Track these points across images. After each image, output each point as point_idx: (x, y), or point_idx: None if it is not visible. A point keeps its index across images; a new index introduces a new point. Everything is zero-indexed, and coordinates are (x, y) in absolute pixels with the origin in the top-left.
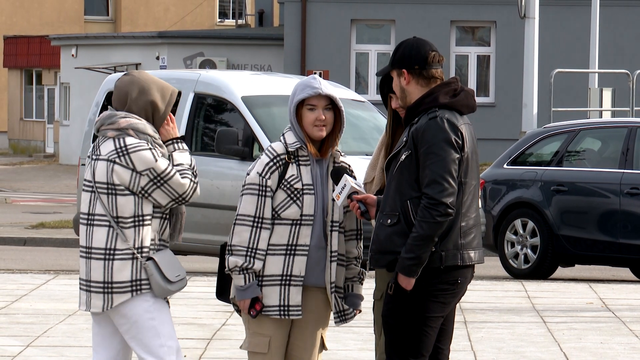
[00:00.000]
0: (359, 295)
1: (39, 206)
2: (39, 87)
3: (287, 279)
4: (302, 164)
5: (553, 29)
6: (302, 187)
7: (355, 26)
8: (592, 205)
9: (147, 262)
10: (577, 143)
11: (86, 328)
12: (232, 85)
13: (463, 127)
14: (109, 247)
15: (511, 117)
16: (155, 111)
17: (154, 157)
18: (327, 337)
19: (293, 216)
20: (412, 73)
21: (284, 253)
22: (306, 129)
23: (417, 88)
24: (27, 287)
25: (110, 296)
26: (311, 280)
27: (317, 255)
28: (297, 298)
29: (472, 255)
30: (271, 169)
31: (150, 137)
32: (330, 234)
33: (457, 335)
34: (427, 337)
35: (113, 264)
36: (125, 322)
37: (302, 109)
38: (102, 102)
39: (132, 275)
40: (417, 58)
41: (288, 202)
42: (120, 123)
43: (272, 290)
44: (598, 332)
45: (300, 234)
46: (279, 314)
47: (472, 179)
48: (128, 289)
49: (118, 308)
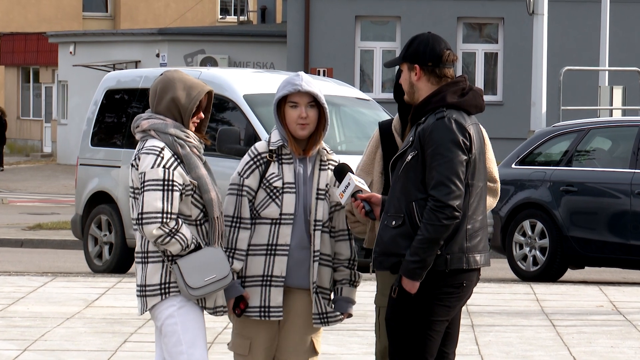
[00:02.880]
0: (350, 299)
1: (36, 207)
2: (36, 85)
3: (267, 279)
4: (284, 162)
5: (562, 26)
6: (283, 186)
7: (360, 23)
8: (602, 206)
9: (172, 265)
10: (587, 142)
11: (85, 332)
12: (233, 83)
13: (471, 127)
14: (144, 250)
15: (519, 116)
16: (180, 109)
17: (154, 163)
18: (331, 340)
19: (272, 215)
20: (424, 69)
21: (264, 253)
22: (289, 127)
23: (427, 85)
24: (24, 289)
25: (145, 299)
26: (296, 281)
27: (299, 256)
28: (278, 299)
29: (477, 258)
30: (251, 167)
31: (172, 137)
32: (313, 234)
33: (464, 339)
34: (432, 342)
35: (147, 267)
36: (157, 324)
37: (285, 106)
38: (101, 100)
39: (161, 278)
40: (432, 55)
41: (267, 201)
42: (142, 125)
43: (253, 291)
44: (608, 335)
45: (280, 233)
46: (259, 315)
47: (479, 181)
48: (158, 292)
49: (152, 311)
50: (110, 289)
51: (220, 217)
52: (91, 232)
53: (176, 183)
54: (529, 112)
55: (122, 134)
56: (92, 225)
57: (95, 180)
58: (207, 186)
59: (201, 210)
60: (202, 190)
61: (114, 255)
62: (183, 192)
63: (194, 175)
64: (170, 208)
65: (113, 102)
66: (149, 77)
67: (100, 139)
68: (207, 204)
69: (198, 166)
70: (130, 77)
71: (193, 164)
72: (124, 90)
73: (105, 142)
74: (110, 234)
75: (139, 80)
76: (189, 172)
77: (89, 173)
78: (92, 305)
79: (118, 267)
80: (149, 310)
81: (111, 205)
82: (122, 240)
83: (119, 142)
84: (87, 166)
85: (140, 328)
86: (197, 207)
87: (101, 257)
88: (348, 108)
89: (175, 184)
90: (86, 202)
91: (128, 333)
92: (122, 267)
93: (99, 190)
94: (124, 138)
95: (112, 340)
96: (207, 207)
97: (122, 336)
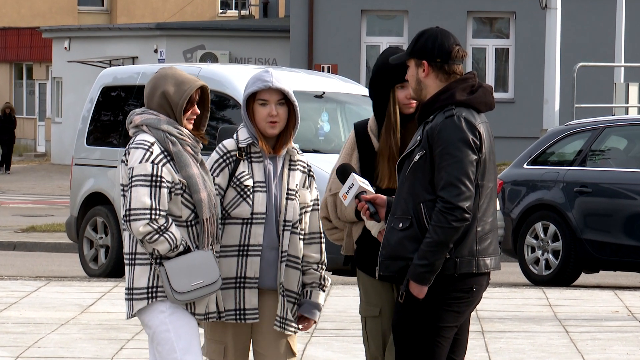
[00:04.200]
0: (316, 304)
1: (29, 208)
2: (30, 82)
3: (241, 281)
4: (254, 161)
5: (576, 20)
6: (253, 185)
7: (365, 17)
8: (617, 207)
9: (160, 268)
10: (602, 141)
11: (79, 338)
12: (234, 80)
13: (481, 126)
14: (132, 251)
15: (531, 114)
16: (171, 103)
17: (142, 157)
18: (336, 348)
19: (243, 215)
20: (432, 66)
21: (236, 254)
22: (258, 125)
23: (435, 82)
24: (16, 294)
25: (131, 303)
26: (267, 282)
27: (270, 256)
28: (253, 301)
29: (487, 262)
30: (220, 165)
31: (164, 133)
32: (282, 234)
33: (474, 345)
34: (440, 348)
35: (135, 269)
36: (147, 331)
37: (254, 103)
38: (97, 98)
39: (148, 282)
40: (441, 51)
41: (238, 200)
42: (135, 120)
43: (226, 294)
44: (624, 342)
45: (252, 233)
46: (235, 318)
47: (489, 182)
48: (144, 296)
49: (140, 316)
50: (107, 294)
51: (212, 218)
52: (86, 235)
53: (164, 179)
54: (542, 110)
55: (119, 133)
56: (88, 228)
57: (91, 180)
58: (197, 186)
59: (192, 211)
60: (192, 190)
61: (110, 259)
62: (172, 190)
63: (184, 174)
64: (158, 204)
65: (109, 99)
66: (147, 74)
67: (96, 138)
68: (197, 205)
69: (189, 165)
70: (127, 74)
71: (184, 162)
72: (120, 87)
73: (101, 141)
74: (106, 236)
75: (136, 77)
76: (179, 171)
77: (85, 173)
78: (87, 311)
79: (114, 271)
80: (135, 314)
81: (107, 207)
82: (118, 243)
83: (115, 141)
84: (83, 166)
85: (137, 334)
86: (188, 208)
87: (97, 261)
88: (354, 106)
89: (164, 180)
90: (81, 204)
91: (125, 339)
92: (118, 271)
93: (94, 191)
94: (120, 137)
95: (108, 347)
96: (197, 208)
97: (118, 343)
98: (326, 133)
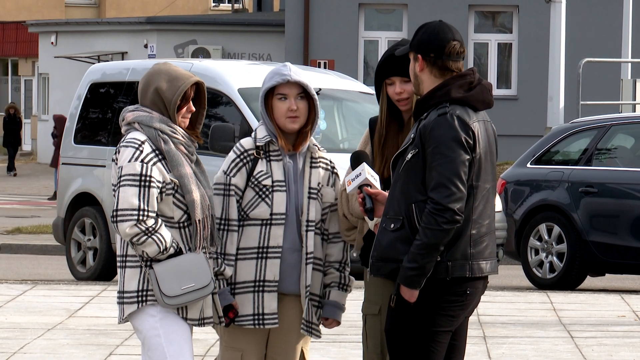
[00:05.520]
0: (339, 303)
1: (14, 209)
2: (15, 78)
3: (260, 284)
4: (273, 160)
5: (581, 14)
6: (272, 184)
7: (363, 11)
8: (624, 208)
9: (149, 271)
10: (608, 140)
11: (67, 344)
12: (227, 76)
13: (476, 124)
14: (123, 253)
15: (535, 111)
16: (165, 100)
17: (132, 156)
18: (333, 354)
19: (262, 215)
20: (426, 60)
21: (255, 257)
22: (278, 121)
23: (430, 78)
24: (1, 298)
25: (122, 307)
26: (287, 287)
27: (292, 259)
28: (272, 305)
29: (483, 266)
30: (237, 165)
31: (156, 131)
32: (306, 235)
33: (475, 351)
34: (435, 354)
35: (125, 272)
36: (139, 335)
37: (272, 99)
38: (85, 94)
39: (139, 285)
40: (435, 45)
41: (257, 201)
42: (127, 117)
43: (244, 298)
44: (631, 348)
45: (272, 234)
46: (253, 323)
47: (485, 182)
48: (134, 299)
49: (131, 320)
50: (95, 298)
51: (205, 220)
52: (74, 237)
53: (154, 179)
54: (546, 107)
55: (108, 131)
56: (75, 229)
57: (79, 180)
58: (189, 186)
59: (185, 212)
60: (184, 190)
61: (99, 262)
62: (163, 190)
63: (176, 174)
64: (147, 205)
65: (98, 96)
66: (137, 70)
67: (84, 136)
68: (189, 206)
69: (181, 164)
70: (117, 70)
71: (176, 162)
72: (109, 83)
73: (89, 139)
74: (95, 238)
75: (126, 73)
76: (170, 170)
77: (72, 173)
78: (75, 315)
79: (103, 274)
80: (126, 319)
81: (95, 208)
82: (107, 246)
83: (104, 139)
84: (70, 165)
85: (127, 340)
86: (180, 209)
87: (85, 264)
88: (351, 103)
89: (153, 180)
90: (69, 204)
91: (114, 345)
92: (107, 274)
93: (82, 191)
94: (109, 135)
95: (97, 353)
96: (189, 209)
97: (107, 348)
98: (322, 131)
